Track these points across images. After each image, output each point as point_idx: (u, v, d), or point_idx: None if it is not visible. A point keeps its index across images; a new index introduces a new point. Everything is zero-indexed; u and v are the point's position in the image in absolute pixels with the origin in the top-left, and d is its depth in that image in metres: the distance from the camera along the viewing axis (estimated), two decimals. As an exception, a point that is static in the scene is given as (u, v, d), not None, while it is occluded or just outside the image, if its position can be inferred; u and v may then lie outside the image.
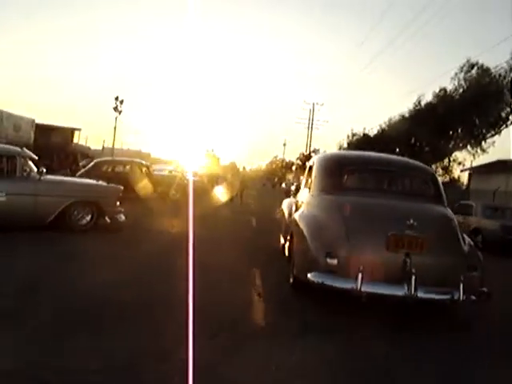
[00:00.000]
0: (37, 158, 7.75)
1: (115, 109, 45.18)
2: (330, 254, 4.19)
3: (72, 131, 28.57)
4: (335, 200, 4.74)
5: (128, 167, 17.10)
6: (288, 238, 5.47)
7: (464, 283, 4.06)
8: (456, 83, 27.22)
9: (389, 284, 4.08)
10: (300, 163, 50.16)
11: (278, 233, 7.26)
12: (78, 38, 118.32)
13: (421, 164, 5.83)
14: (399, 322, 4.24)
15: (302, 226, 4.75)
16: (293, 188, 7.56)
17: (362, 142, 36.98)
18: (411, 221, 4.17)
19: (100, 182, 8.64)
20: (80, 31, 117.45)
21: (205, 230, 8.25)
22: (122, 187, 8.51)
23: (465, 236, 4.74)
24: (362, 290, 3.99)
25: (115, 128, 44.11)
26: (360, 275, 3.98)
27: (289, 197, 7.27)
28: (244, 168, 26.65)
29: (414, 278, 3.98)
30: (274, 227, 8.22)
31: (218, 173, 22.49)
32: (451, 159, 31.37)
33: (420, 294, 4.00)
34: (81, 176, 15.05)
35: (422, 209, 4.63)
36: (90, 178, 14.52)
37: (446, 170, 32.34)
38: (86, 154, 26.59)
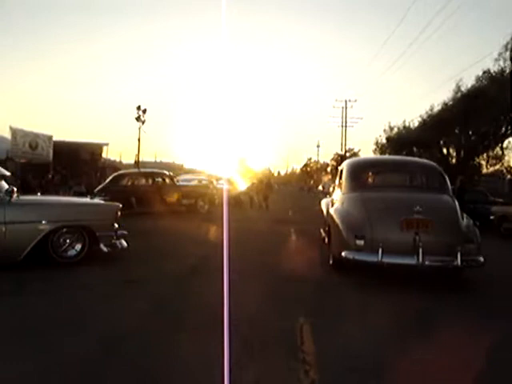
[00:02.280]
0: (9, 174, 7.18)
1: (137, 119, 48.38)
2: (358, 237, 6.32)
3: (100, 147, 31.37)
4: (360, 196, 6.95)
5: (149, 179, 17.33)
6: (326, 229, 7.64)
7: (461, 253, 6.09)
8: (502, 63, 28.04)
9: (403, 256, 6.15)
10: (335, 164, 52.44)
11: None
12: (106, 51, 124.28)
13: (429, 162, 7.97)
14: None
15: (335, 217, 6.94)
16: (330, 190, 9.72)
17: (403, 135, 38.35)
18: (418, 207, 6.26)
19: (94, 200, 8.15)
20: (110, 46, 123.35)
21: (239, 255, 7.56)
22: (120, 204, 7.70)
23: (466, 217, 6.78)
24: (383, 261, 6.10)
25: (139, 139, 47.22)
26: (380, 250, 6.09)
27: (326, 197, 9.45)
28: (279, 173, 28.56)
29: (421, 250, 6.03)
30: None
31: (254, 180, 24.23)
32: (504, 146, 32.15)
33: (427, 262, 6.05)
34: (99, 191, 15.58)
35: (428, 198, 6.76)
36: (108, 194, 14.57)
37: (500, 158, 33.09)
38: (118, 168, 29.23)
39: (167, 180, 17.28)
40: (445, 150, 36.94)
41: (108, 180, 17.22)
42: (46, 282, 5.90)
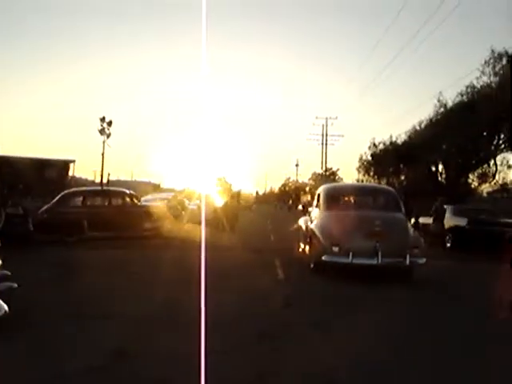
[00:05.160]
0: None
1: (101, 131, 49.42)
2: (334, 244, 9.79)
3: (66, 164, 31.76)
4: (334, 214, 10.63)
5: (106, 199, 17.04)
6: (307, 241, 11.11)
7: (410, 255, 9.64)
8: (486, 79, 30.92)
9: (367, 258, 9.64)
10: (313, 183, 56.81)
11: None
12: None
13: (385, 187, 12.00)
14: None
15: (316, 230, 10.47)
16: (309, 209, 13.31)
17: (389, 151, 41.91)
18: (378, 222, 9.85)
19: None
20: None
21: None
22: None
23: (412, 229, 10.49)
24: (353, 262, 9.57)
25: (103, 154, 48.51)
26: (351, 254, 9.55)
27: (304, 215, 13.04)
28: (257, 193, 30.76)
29: (380, 253, 9.53)
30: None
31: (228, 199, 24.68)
32: (497, 162, 34.90)
33: (384, 262, 9.57)
34: (43, 213, 15.73)
35: (385, 215, 10.47)
36: (54, 216, 14.43)
37: (494, 175, 35.80)
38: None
39: (127, 200, 17.03)
40: (433, 167, 40.60)
41: (55, 200, 16.44)
42: None
